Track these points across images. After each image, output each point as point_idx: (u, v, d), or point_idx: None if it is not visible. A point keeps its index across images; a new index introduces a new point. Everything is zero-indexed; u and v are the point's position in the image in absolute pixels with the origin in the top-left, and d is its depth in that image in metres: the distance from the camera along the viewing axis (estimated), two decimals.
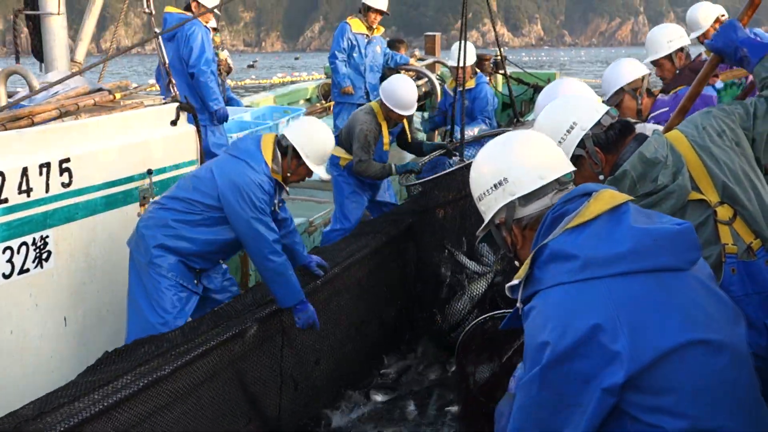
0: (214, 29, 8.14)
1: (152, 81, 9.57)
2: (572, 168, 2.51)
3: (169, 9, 7.57)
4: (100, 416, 3.27)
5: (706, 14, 6.97)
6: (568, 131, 3.10)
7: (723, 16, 7.09)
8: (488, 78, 10.25)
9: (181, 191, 4.55)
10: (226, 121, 7.78)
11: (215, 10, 7.80)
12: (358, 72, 9.13)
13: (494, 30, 7.74)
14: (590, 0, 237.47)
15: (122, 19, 6.28)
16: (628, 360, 1.89)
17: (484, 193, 2.49)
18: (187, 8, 7.56)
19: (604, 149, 3.10)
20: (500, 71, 10.86)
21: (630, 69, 4.69)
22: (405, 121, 6.85)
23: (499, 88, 11.70)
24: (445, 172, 5.84)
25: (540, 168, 2.42)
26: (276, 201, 4.70)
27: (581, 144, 3.08)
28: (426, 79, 9.36)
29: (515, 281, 2.22)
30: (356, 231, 5.99)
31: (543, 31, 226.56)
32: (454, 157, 6.71)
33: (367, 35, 9.15)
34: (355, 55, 9.08)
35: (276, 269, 4.45)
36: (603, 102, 4.73)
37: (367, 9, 9.12)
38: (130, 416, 3.44)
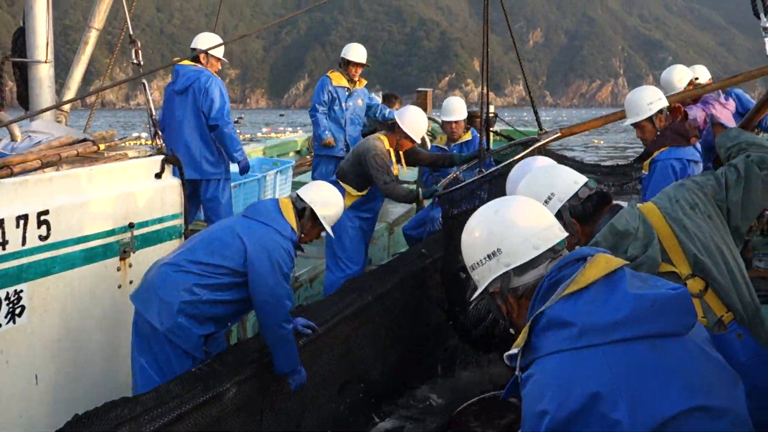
0: None
1: (136, 134, 9.53)
2: (565, 235, 2.47)
3: (184, 62, 7.34)
4: None
5: (680, 77, 7.08)
6: (546, 202, 3.20)
7: (696, 79, 7.17)
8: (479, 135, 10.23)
9: (202, 255, 4.47)
10: (248, 172, 7.77)
11: (224, 60, 7.69)
12: (338, 125, 9.09)
13: (486, 85, 7.60)
14: (570, 62, 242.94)
15: (107, 74, 6.17)
16: (629, 429, 1.87)
17: (478, 263, 2.45)
18: (195, 60, 7.40)
19: (581, 220, 3.22)
20: (490, 129, 10.84)
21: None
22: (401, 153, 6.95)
23: (490, 146, 11.68)
24: (481, 176, 5.78)
25: (534, 238, 2.38)
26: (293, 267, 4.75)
27: (558, 215, 3.14)
28: None
29: (513, 350, 2.18)
30: (343, 288, 5.84)
31: (525, 91, 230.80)
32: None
33: (348, 88, 9.13)
34: (335, 108, 9.06)
35: (286, 336, 4.43)
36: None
37: (347, 63, 9.12)
38: None
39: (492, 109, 11.31)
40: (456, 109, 8.35)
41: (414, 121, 6.84)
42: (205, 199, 7.24)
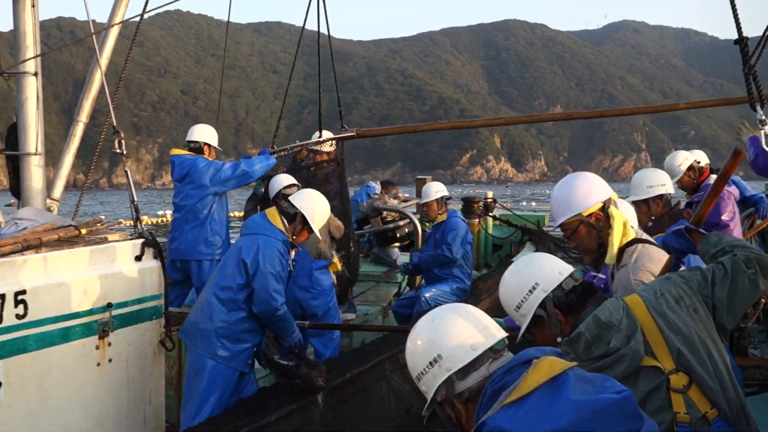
0: None
1: (122, 219, 9.91)
2: (504, 335, 2.53)
3: (175, 151, 7.89)
4: None
5: (680, 162, 7.24)
6: (530, 292, 3.18)
7: (698, 162, 7.33)
8: (477, 220, 10.47)
9: (221, 279, 5.53)
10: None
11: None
12: None
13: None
14: (592, 137, 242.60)
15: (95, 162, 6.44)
16: None
17: (422, 373, 2.52)
18: (194, 150, 7.90)
19: (564, 311, 3.17)
20: (490, 214, 11.11)
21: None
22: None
23: (490, 230, 11.91)
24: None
25: (471, 339, 2.45)
26: (291, 260, 5.67)
27: (542, 305, 3.15)
28: (408, 220, 9.56)
29: None
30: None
31: (546, 166, 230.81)
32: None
33: None
34: None
35: (282, 317, 5.50)
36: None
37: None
38: None
39: (490, 194, 11.63)
40: (427, 192, 8.59)
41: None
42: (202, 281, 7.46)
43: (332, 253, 7.16)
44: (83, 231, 5.18)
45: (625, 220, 3.82)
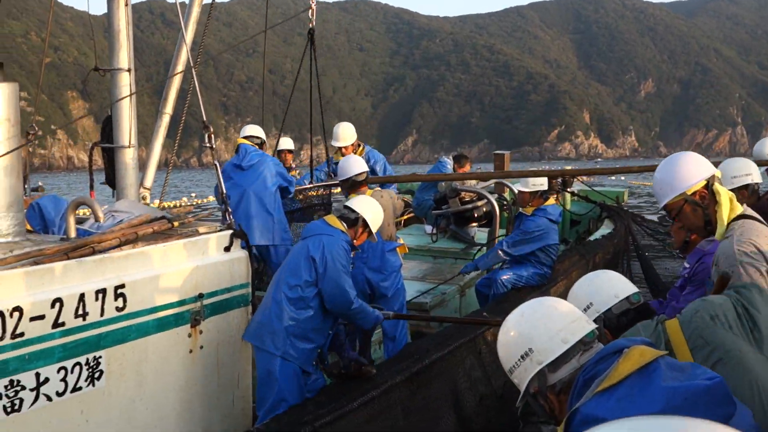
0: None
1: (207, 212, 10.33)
2: (593, 326, 2.59)
3: (240, 141, 8.27)
4: None
5: None
6: (585, 310, 3.33)
7: None
8: (556, 196, 10.42)
9: (289, 278, 5.67)
10: None
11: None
12: None
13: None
14: (686, 111, 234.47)
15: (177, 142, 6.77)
16: None
17: (514, 366, 2.60)
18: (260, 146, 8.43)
19: (613, 332, 3.30)
20: (568, 189, 11.05)
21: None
22: None
23: (567, 206, 11.86)
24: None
25: (562, 332, 2.52)
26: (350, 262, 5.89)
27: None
28: (485, 200, 9.61)
29: None
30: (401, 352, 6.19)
31: (637, 142, 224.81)
32: None
33: None
34: None
35: (357, 310, 5.72)
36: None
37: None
38: None
39: (568, 168, 11.53)
40: (526, 182, 8.43)
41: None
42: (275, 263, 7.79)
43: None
44: (175, 224, 5.43)
45: (732, 196, 3.78)
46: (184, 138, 6.67)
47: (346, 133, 9.23)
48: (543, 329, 2.53)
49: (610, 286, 3.42)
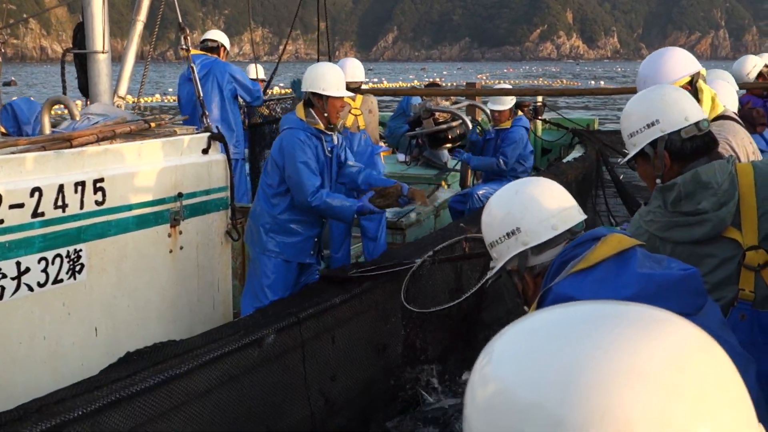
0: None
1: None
2: (584, 217, 2.55)
3: (198, 51, 8.36)
4: (115, 405, 3.49)
5: (749, 69, 7.24)
6: (648, 126, 3.04)
7: (766, 66, 7.26)
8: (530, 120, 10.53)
9: (264, 177, 5.77)
10: None
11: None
12: None
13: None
14: (669, 13, 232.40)
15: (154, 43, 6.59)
16: None
17: (497, 241, 2.55)
18: (205, 50, 8.60)
19: (673, 156, 3.02)
20: (539, 117, 11.12)
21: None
22: None
23: (539, 134, 11.94)
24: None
25: (553, 219, 2.47)
26: (327, 147, 5.74)
27: (654, 143, 3.02)
28: (460, 121, 9.61)
29: None
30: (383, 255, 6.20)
31: (619, 43, 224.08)
32: None
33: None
34: None
35: (320, 206, 5.53)
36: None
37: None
38: (146, 410, 3.66)
39: (540, 99, 11.62)
40: (503, 100, 8.88)
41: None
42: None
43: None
44: (152, 125, 5.35)
45: (714, 95, 3.79)
46: (160, 29, 6.52)
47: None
48: (535, 212, 2.47)
49: (682, 106, 3.07)
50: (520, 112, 9.32)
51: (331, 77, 5.76)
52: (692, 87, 3.78)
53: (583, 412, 0.88)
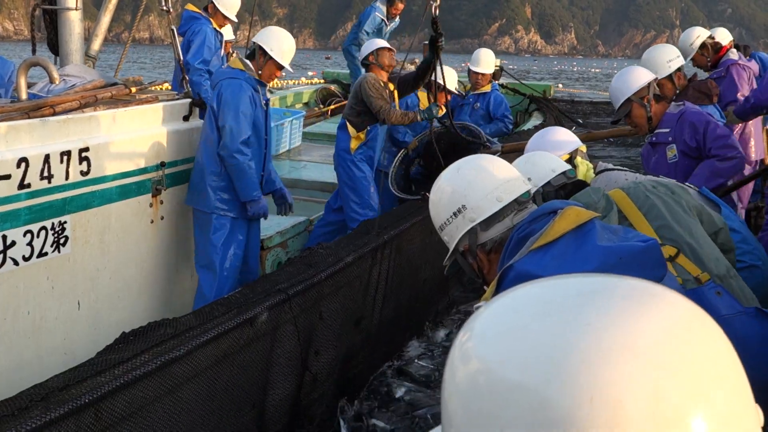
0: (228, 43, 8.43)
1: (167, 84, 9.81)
2: (528, 187, 2.56)
3: (188, 7, 7.84)
4: (120, 390, 3.42)
5: (693, 39, 7.41)
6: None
7: (711, 38, 7.44)
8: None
9: (208, 130, 5.32)
10: None
11: (233, 20, 7.99)
12: None
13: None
14: (626, 11, 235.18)
15: (138, 19, 6.37)
16: None
17: (445, 223, 2.54)
18: (206, 9, 7.81)
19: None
20: (497, 81, 11.08)
21: (634, 78, 4.86)
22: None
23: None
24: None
25: (497, 191, 2.46)
26: (262, 100, 5.52)
27: (533, 198, 3.12)
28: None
29: (481, 303, 2.17)
30: (359, 228, 6.14)
31: (576, 40, 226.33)
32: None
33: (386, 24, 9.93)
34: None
35: (238, 166, 5.24)
36: (615, 112, 5.03)
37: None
38: (147, 393, 3.59)
39: (498, 62, 11.58)
40: (486, 62, 8.85)
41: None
42: None
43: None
44: (133, 90, 5.18)
45: (589, 167, 3.99)
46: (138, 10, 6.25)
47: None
48: (478, 186, 2.47)
49: (547, 162, 3.40)
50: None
51: (287, 46, 5.59)
52: (571, 162, 3.96)
53: (571, 391, 0.83)
